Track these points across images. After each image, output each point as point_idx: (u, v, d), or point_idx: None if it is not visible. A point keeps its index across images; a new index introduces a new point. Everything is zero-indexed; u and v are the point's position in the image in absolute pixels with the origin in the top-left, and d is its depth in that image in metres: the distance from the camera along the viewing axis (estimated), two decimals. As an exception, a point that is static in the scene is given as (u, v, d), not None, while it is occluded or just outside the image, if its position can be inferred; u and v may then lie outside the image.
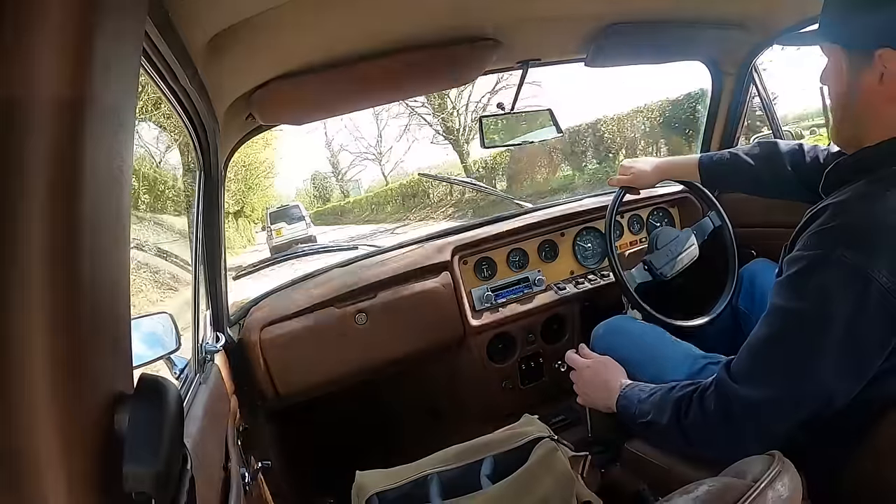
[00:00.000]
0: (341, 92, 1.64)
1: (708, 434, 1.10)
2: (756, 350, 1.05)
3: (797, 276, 1.00)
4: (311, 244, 3.47)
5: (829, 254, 0.96)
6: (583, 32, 1.75)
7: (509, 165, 20.66)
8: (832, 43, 1.07)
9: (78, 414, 0.47)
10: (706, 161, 1.80)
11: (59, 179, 0.46)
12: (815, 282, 0.97)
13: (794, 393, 1.00)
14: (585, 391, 1.51)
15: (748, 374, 1.04)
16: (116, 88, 0.53)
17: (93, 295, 0.50)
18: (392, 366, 2.17)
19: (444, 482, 1.34)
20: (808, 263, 0.98)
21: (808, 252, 0.99)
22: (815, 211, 1.04)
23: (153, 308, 7.22)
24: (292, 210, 17.60)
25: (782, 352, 1.01)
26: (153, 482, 0.52)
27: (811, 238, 1.00)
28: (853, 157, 1.07)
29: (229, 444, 1.36)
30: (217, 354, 1.63)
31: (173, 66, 0.99)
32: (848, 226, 0.97)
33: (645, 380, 1.57)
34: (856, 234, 0.96)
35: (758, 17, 1.90)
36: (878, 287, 0.92)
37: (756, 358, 1.05)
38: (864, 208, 0.98)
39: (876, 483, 1.03)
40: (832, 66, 1.09)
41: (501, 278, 2.27)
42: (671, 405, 1.15)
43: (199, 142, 1.41)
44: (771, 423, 1.03)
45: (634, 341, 1.66)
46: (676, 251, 1.94)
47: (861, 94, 1.03)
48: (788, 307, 1.01)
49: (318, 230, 18.55)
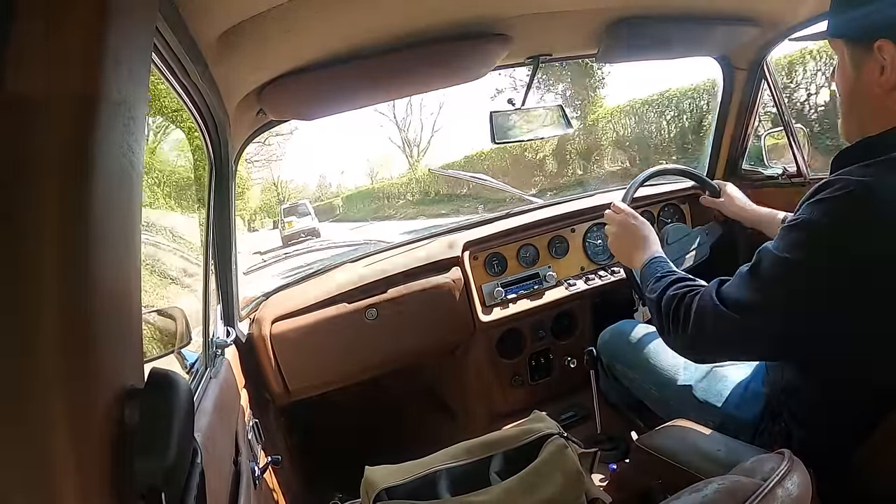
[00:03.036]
0: (351, 87, 1.64)
1: (685, 335, 1.17)
2: (744, 280, 1.09)
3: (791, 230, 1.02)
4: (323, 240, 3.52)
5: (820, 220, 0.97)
6: (593, 27, 1.74)
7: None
8: (836, 37, 1.08)
9: (89, 408, 0.47)
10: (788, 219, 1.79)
11: (71, 174, 0.46)
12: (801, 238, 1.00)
13: (758, 325, 1.06)
14: (619, 242, 1.57)
15: (733, 300, 1.08)
16: (127, 84, 0.53)
17: (104, 289, 0.50)
18: (402, 361, 2.18)
19: (453, 478, 1.33)
20: (802, 223, 1.00)
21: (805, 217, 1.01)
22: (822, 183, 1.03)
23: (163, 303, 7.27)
24: (301, 207, 20.38)
25: (764, 288, 1.04)
26: (163, 476, 0.52)
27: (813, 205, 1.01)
28: (857, 144, 1.07)
29: (239, 438, 1.37)
30: (227, 349, 1.64)
31: (184, 62, 0.99)
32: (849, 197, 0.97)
33: (650, 386, 1.59)
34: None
35: (770, 13, 1.88)
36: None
37: (744, 287, 1.08)
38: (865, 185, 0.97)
39: (887, 482, 1.02)
40: (839, 62, 1.09)
41: (512, 274, 2.27)
42: (668, 298, 1.24)
43: (209, 137, 1.41)
44: (736, 343, 1.12)
45: (640, 347, 1.66)
46: (687, 249, 1.93)
47: (864, 87, 1.04)
48: (775, 254, 1.04)
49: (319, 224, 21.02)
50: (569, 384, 2.38)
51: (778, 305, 1.02)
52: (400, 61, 1.54)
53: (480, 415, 2.37)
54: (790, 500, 0.63)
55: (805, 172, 2.09)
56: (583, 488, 1.23)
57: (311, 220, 19.29)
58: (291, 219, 19.02)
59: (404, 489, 1.30)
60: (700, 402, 1.45)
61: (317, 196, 37.55)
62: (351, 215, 30.30)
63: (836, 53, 1.10)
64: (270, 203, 31.60)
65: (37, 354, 0.44)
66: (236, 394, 1.56)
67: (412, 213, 22.88)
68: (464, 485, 1.31)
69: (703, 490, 0.66)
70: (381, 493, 1.28)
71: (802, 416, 1.18)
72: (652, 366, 1.59)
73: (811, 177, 2.08)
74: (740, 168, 2.39)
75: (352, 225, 21.89)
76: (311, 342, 1.97)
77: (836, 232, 0.95)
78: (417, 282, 2.11)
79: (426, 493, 1.30)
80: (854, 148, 1.07)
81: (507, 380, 2.32)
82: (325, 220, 25.82)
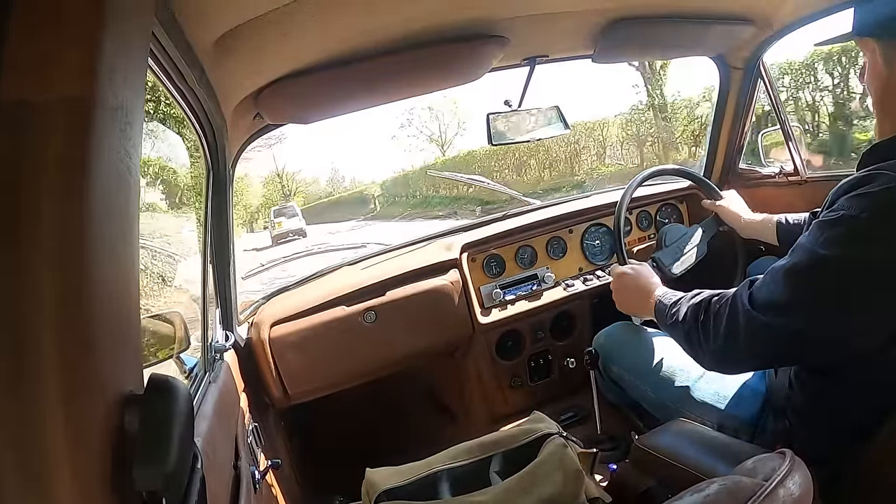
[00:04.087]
0: (348, 90, 1.64)
1: (717, 343, 1.13)
2: (776, 279, 1.05)
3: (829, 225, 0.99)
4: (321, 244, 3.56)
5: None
6: (589, 28, 1.74)
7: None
8: (866, 36, 1.07)
9: (88, 414, 0.47)
10: (782, 220, 1.79)
11: (68, 179, 0.46)
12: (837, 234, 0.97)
13: (795, 326, 1.01)
14: (622, 297, 1.58)
15: (763, 300, 1.05)
16: (124, 89, 0.53)
17: (102, 295, 0.50)
18: (401, 364, 2.18)
19: (454, 479, 1.34)
20: (842, 218, 0.97)
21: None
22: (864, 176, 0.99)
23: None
24: (289, 209, 21.49)
25: (794, 287, 1.01)
26: (164, 482, 0.52)
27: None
28: (889, 142, 1.04)
29: (239, 442, 1.37)
30: (226, 353, 1.64)
31: (180, 67, 0.99)
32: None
33: (646, 388, 1.58)
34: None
35: (765, 12, 1.88)
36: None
37: (774, 286, 1.04)
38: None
39: (889, 483, 1.02)
40: (869, 61, 1.07)
41: (510, 275, 2.27)
42: (692, 307, 1.21)
43: (207, 142, 1.41)
44: (768, 348, 1.07)
45: (635, 349, 1.67)
46: (684, 248, 1.94)
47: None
48: (814, 250, 1.00)
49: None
50: (568, 385, 2.38)
51: (819, 304, 0.99)
52: (396, 64, 1.54)
53: (480, 416, 2.36)
54: (791, 500, 0.64)
55: (802, 171, 2.10)
56: (582, 488, 1.23)
57: (299, 220, 20.25)
58: (281, 219, 20.04)
59: (405, 490, 1.30)
60: (698, 403, 1.44)
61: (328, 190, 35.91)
62: (387, 213, 27.66)
63: (864, 54, 1.08)
64: (274, 199, 30.33)
65: (35, 360, 0.44)
66: (236, 398, 1.56)
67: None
68: (464, 485, 1.31)
69: (705, 490, 0.66)
70: (381, 495, 1.28)
71: (805, 415, 1.18)
72: (648, 368, 1.59)
73: (808, 175, 2.09)
74: (737, 167, 2.39)
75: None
76: (310, 346, 1.97)
77: (876, 228, 0.93)
78: (416, 284, 2.11)
79: (427, 493, 1.30)
80: (890, 142, 1.04)
81: (506, 381, 2.31)
82: (359, 219, 25.03)
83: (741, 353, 1.09)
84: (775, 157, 2.25)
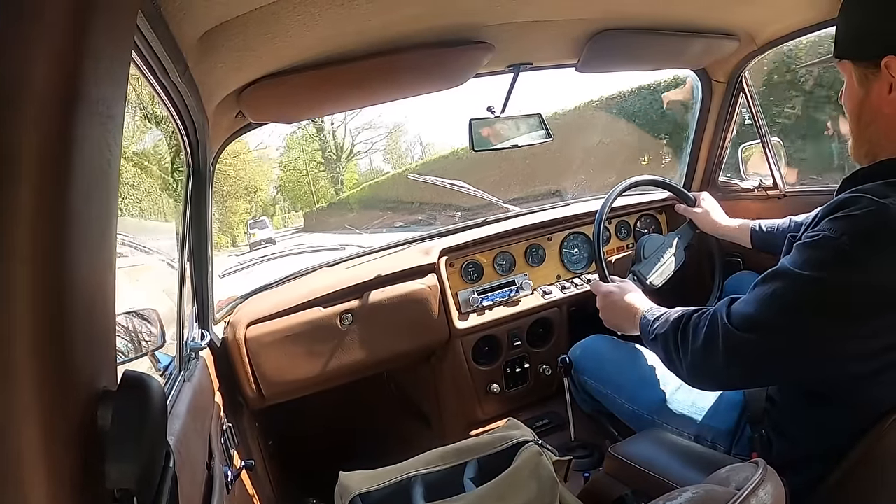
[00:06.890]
0: (331, 91, 1.64)
1: (693, 356, 1.14)
2: (756, 297, 1.05)
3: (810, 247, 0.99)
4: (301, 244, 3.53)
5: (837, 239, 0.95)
6: (574, 38, 1.76)
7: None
8: (843, 59, 1.08)
9: (61, 410, 0.46)
10: (756, 227, 1.83)
11: (47, 172, 0.45)
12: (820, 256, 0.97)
13: (774, 345, 1.02)
14: (609, 314, 1.58)
15: (742, 318, 1.06)
16: (106, 82, 0.53)
17: (78, 290, 0.49)
18: (377, 367, 2.17)
19: (428, 484, 1.33)
20: (823, 240, 0.97)
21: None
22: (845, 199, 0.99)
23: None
24: (261, 222, 23.33)
25: (772, 307, 1.02)
26: (136, 479, 0.51)
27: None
28: (879, 164, 1.04)
29: (213, 442, 1.36)
30: (202, 352, 1.62)
31: (164, 62, 0.98)
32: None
33: (623, 401, 1.59)
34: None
35: (748, 28, 1.91)
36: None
37: (754, 305, 1.05)
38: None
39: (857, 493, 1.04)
40: (846, 82, 1.09)
41: (488, 281, 2.27)
42: (672, 322, 1.23)
43: (188, 138, 1.40)
44: (745, 365, 1.08)
45: (611, 362, 1.68)
46: (662, 258, 1.95)
47: (872, 106, 1.03)
48: (794, 272, 1.00)
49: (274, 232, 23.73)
50: (544, 392, 2.38)
51: (796, 325, 1.00)
52: (381, 66, 1.54)
53: (456, 422, 2.36)
54: None
55: (781, 185, 2.13)
56: (557, 495, 1.23)
57: (270, 231, 22.43)
58: (255, 230, 22.15)
59: (378, 495, 1.30)
60: (675, 414, 1.46)
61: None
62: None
63: (843, 74, 1.09)
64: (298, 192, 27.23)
65: (7, 354, 0.43)
66: (210, 397, 1.55)
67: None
68: (438, 491, 1.30)
69: (678, 498, 0.66)
70: (355, 499, 1.27)
71: (783, 426, 1.20)
72: (625, 380, 1.60)
73: (787, 189, 2.11)
74: (717, 179, 2.42)
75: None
76: (286, 347, 1.95)
77: (857, 251, 0.93)
78: (393, 287, 2.10)
79: (400, 499, 1.30)
80: (872, 168, 1.05)
81: (482, 387, 2.31)
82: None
83: (718, 368, 1.09)
84: (754, 169, 2.28)
